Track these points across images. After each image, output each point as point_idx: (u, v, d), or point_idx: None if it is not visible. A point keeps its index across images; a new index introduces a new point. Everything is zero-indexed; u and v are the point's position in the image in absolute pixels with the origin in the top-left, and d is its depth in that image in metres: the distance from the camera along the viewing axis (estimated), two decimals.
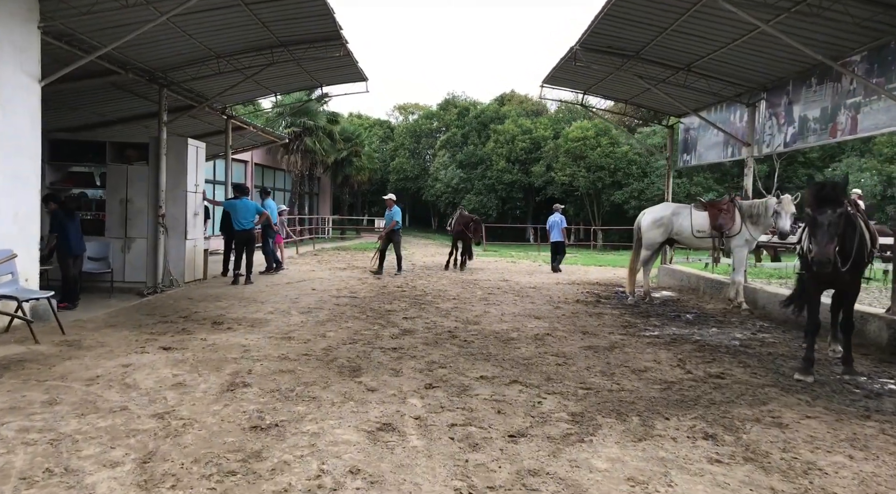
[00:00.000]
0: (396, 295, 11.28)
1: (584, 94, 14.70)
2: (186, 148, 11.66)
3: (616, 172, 32.03)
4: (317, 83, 15.00)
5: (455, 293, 11.78)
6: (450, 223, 17.06)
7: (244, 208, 12.45)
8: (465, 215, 16.64)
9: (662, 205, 10.97)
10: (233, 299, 10.40)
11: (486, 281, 14.15)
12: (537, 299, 11.18)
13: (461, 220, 16.21)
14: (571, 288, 13.16)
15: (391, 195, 15.40)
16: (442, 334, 7.82)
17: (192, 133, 16.96)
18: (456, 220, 16.49)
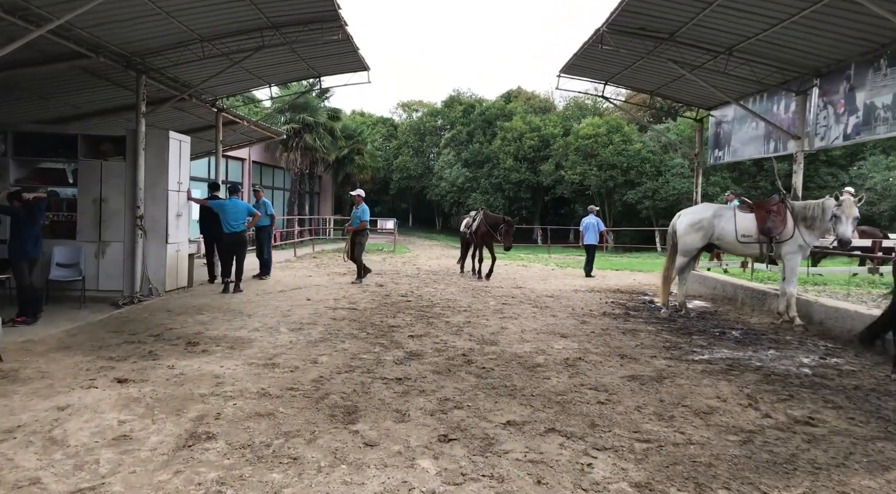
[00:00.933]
0: (401, 306, 10.09)
1: (605, 84, 13.49)
2: (168, 142, 10.49)
3: (629, 171, 30.78)
4: (314, 73, 13.83)
5: (466, 304, 10.59)
6: (470, 226, 14.50)
7: (234, 208, 11.27)
8: (492, 215, 14.50)
9: (701, 206, 9.74)
10: (216, 311, 9.23)
11: (498, 288, 12.95)
12: (558, 311, 9.98)
13: (488, 221, 14.04)
14: (593, 297, 11.95)
15: (359, 191, 13.68)
16: (455, 358, 6.63)
17: (181, 127, 15.81)
18: (480, 221, 14.11)
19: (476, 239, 14.34)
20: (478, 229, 14.08)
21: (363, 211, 13.05)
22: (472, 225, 14.41)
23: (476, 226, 14.14)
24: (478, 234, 14.14)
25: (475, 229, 14.17)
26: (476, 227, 14.13)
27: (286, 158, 26.87)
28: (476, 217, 14.42)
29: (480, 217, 14.19)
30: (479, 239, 14.25)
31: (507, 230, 13.59)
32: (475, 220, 14.33)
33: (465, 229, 14.90)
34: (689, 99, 13.32)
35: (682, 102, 14.01)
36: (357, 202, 13.15)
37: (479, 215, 14.40)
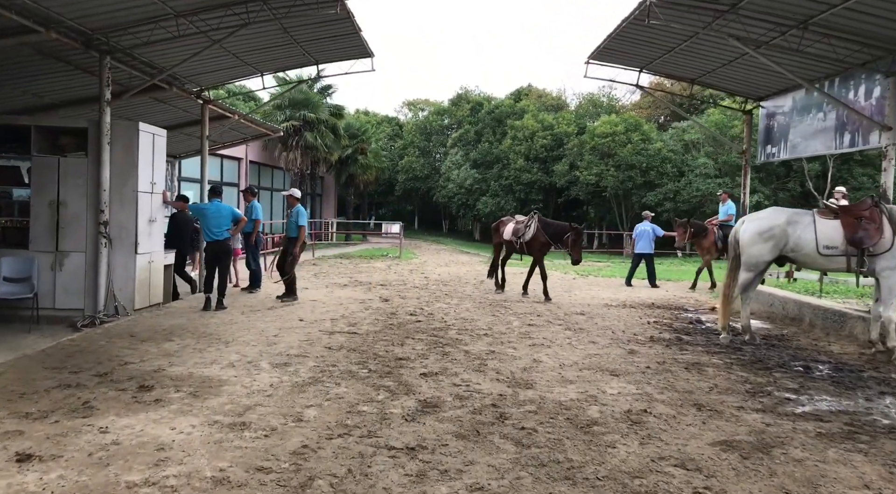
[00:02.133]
0: (409, 329, 8.54)
1: (640, 71, 11.91)
2: (137, 135, 8.98)
3: (649, 172, 29.12)
4: (311, 60, 12.30)
5: (485, 325, 9.04)
6: (520, 233, 11.88)
7: (216, 213, 9.76)
8: (552, 222, 12.23)
9: (771, 210, 8.12)
10: (189, 336, 7.70)
11: (518, 304, 11.39)
12: (597, 336, 8.41)
13: (549, 229, 11.70)
14: (630, 315, 10.37)
15: (293, 190, 11.56)
16: (483, 410, 5.07)
17: (164, 122, 14.31)
18: (537, 229, 11.65)
19: (530, 250, 11.95)
20: (534, 238, 11.68)
21: (301, 215, 10.94)
22: (523, 233, 11.87)
23: (532, 234, 11.69)
24: (532, 244, 11.76)
25: (530, 237, 11.72)
26: (532, 235, 11.68)
27: (285, 157, 25.39)
28: (529, 223, 11.89)
29: (535, 224, 11.77)
30: (534, 250, 11.83)
31: (576, 240, 11.44)
32: (528, 226, 11.83)
33: (511, 236, 12.22)
34: (736, 88, 11.73)
35: (728, 92, 12.43)
36: (292, 204, 11.18)
37: (532, 221, 11.88)
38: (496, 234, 12.92)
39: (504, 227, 12.63)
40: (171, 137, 15.90)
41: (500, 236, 12.70)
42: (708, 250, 14.10)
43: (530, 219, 12.03)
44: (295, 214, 10.92)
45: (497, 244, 13.00)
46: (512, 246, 12.41)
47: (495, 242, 13.02)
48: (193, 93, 12.54)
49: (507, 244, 12.58)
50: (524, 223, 12.07)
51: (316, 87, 28.24)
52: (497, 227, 12.99)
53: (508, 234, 12.32)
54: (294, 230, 10.88)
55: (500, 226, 12.83)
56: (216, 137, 16.82)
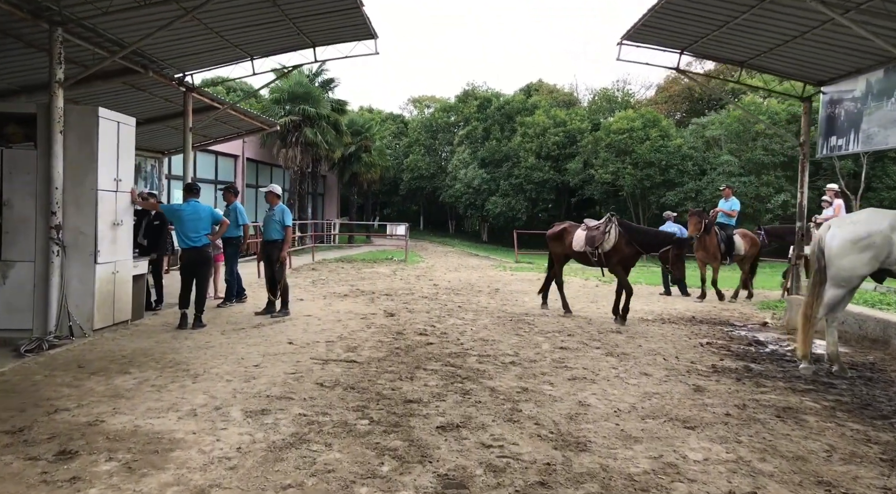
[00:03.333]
0: (420, 355, 7.09)
1: (681, 53, 10.44)
2: (97, 123, 7.56)
3: (668, 170, 27.57)
4: (306, 41, 10.87)
5: (509, 347, 7.60)
6: (595, 242, 9.73)
7: (193, 215, 8.33)
8: (642, 228, 10.32)
9: (868, 212, 6.61)
10: (151, 366, 6.28)
11: (541, 318, 9.96)
12: (646, 362, 6.95)
13: (636, 236, 9.58)
14: (673, 332, 8.91)
15: (273, 186, 9.96)
16: (527, 490, 3.63)
17: (146, 114, 12.99)
18: (618, 236, 9.53)
19: (609, 262, 9.73)
20: (615, 247, 9.55)
21: (284, 213, 9.47)
22: (600, 241, 9.64)
23: (613, 243, 9.54)
24: (613, 255, 9.60)
25: (610, 247, 9.57)
26: (613, 244, 9.54)
27: (284, 154, 23.96)
28: (608, 230, 9.63)
29: (615, 230, 9.58)
30: (615, 262, 9.65)
31: (680, 254, 9.33)
32: (606, 233, 9.61)
33: (584, 247, 9.88)
34: (794, 70, 10.23)
35: (783, 75, 10.93)
36: (273, 202, 9.62)
37: (611, 226, 9.63)
38: (556, 243, 10.60)
39: (570, 235, 10.27)
40: (156, 130, 14.60)
41: (564, 245, 10.40)
42: (714, 256, 12.64)
43: (607, 224, 9.80)
44: (279, 213, 9.45)
45: (559, 256, 10.71)
46: (586, 258, 10.13)
47: (556, 252, 10.70)
48: (175, 79, 11.15)
49: (577, 257, 10.31)
50: (600, 230, 9.82)
51: (317, 81, 26.82)
52: (558, 235, 10.57)
53: (580, 244, 9.97)
54: (277, 232, 9.41)
55: (564, 235, 10.44)
56: (206, 131, 15.50)
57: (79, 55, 8.48)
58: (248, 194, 24.08)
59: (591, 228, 10.02)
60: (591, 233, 9.91)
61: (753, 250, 13.20)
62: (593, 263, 10.05)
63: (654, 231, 9.94)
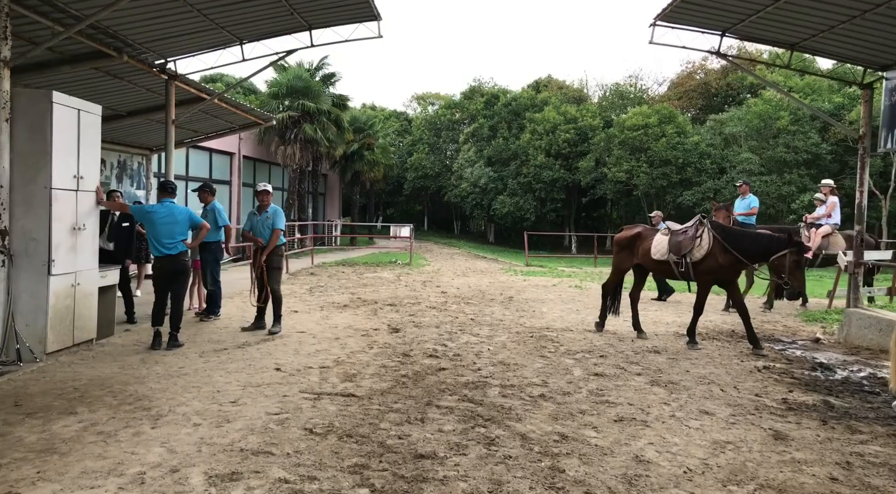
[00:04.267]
0: (430, 385, 5.95)
1: (722, 35, 9.26)
2: (51, 110, 6.43)
3: (685, 168, 26.35)
4: (302, 23, 9.74)
5: (534, 373, 6.46)
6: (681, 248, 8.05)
7: (168, 218, 7.20)
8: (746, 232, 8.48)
9: None
10: (106, 403, 5.16)
11: (565, 332, 8.82)
12: (701, 395, 5.80)
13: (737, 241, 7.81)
14: (719, 351, 7.76)
15: (265, 185, 8.71)
16: None
17: (126, 105, 11.89)
18: (711, 242, 7.84)
19: (699, 274, 8.02)
20: (709, 256, 7.83)
21: (278, 215, 8.34)
22: (689, 248, 7.94)
23: (706, 250, 7.84)
24: (706, 265, 7.88)
25: (703, 255, 7.87)
26: (707, 252, 7.84)
27: (283, 152, 22.84)
28: (700, 234, 7.94)
29: (708, 233, 7.89)
30: (707, 274, 7.96)
31: (799, 261, 7.43)
32: (698, 238, 7.92)
33: (667, 254, 8.16)
34: (854, 53, 9.02)
35: (840, 58, 9.74)
36: (265, 202, 8.40)
37: (703, 230, 7.95)
38: (627, 251, 8.84)
39: (646, 241, 8.55)
40: (140, 125, 13.47)
41: (638, 253, 8.65)
42: None
43: (698, 227, 8.05)
44: (273, 214, 8.32)
45: (626, 264, 8.92)
46: (667, 269, 8.38)
47: (625, 262, 8.91)
48: (156, 66, 10.02)
49: (655, 267, 8.58)
50: (688, 234, 8.05)
51: (317, 75, 25.71)
52: (630, 241, 8.80)
53: (661, 251, 8.27)
54: (268, 234, 8.29)
55: (638, 240, 8.70)
56: (195, 126, 14.39)
57: (32, 31, 7.36)
58: (246, 193, 22.97)
59: (675, 232, 8.27)
60: (676, 238, 8.14)
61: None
62: (677, 275, 8.30)
63: (760, 235, 8.08)
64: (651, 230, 8.81)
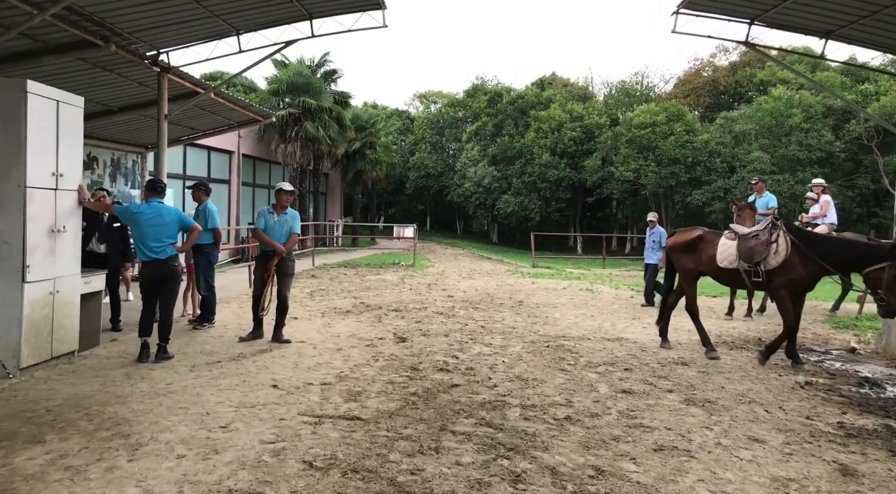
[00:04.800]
0: (442, 403, 5.37)
1: (750, 23, 8.68)
2: (24, 100, 5.85)
3: (694, 167, 25.73)
4: (302, 13, 9.19)
5: (556, 390, 5.88)
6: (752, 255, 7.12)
7: (156, 219, 6.62)
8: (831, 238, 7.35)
9: None
10: (76, 429, 4.58)
11: (583, 341, 8.24)
12: (745, 418, 5.21)
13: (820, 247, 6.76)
14: (752, 363, 7.16)
15: (285, 184, 7.91)
16: None
17: (118, 100, 11.32)
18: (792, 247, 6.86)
19: (773, 284, 7.01)
20: (786, 264, 6.84)
21: (296, 219, 7.81)
22: (764, 254, 6.96)
23: (784, 257, 6.85)
24: (781, 275, 6.90)
25: (779, 263, 6.89)
26: (784, 259, 6.85)
27: (283, 150, 22.26)
28: (775, 239, 6.95)
29: (785, 238, 6.90)
30: (784, 284, 6.92)
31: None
32: (773, 243, 6.95)
33: (736, 261, 7.20)
34: (893, 41, 8.44)
35: (881, 47, 9.12)
36: (287, 203, 7.77)
37: (778, 234, 6.96)
38: (686, 256, 7.84)
39: (710, 246, 7.55)
40: (134, 121, 12.89)
41: (700, 259, 7.66)
42: None
43: (771, 231, 7.05)
44: (292, 218, 7.70)
45: (689, 273, 7.86)
46: (736, 278, 7.39)
47: (685, 268, 7.89)
48: (147, 58, 9.45)
49: (720, 275, 7.56)
50: (761, 239, 7.05)
51: (319, 72, 25.12)
52: (690, 245, 7.78)
53: (728, 258, 7.30)
54: (285, 237, 7.73)
55: (700, 244, 7.69)
56: (192, 123, 13.82)
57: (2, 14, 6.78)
58: (245, 192, 22.41)
59: (745, 236, 7.27)
60: (746, 243, 7.15)
61: None
62: (748, 285, 7.31)
63: (853, 243, 6.84)
64: (713, 234, 7.88)
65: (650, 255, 12.16)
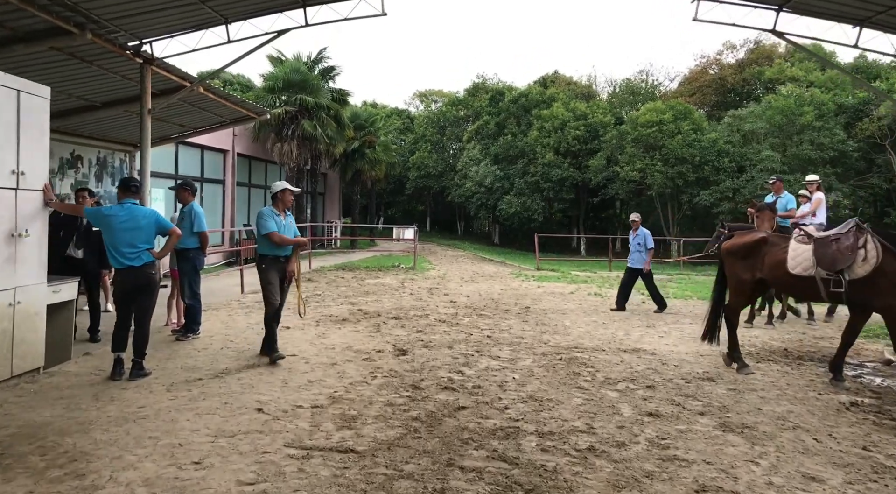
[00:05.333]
0: (448, 430, 4.74)
1: (778, 9, 8.04)
2: None
3: (702, 167, 25.08)
4: None
5: (575, 412, 5.25)
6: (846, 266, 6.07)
7: (129, 222, 5.98)
8: None
9: None
10: (23, 467, 3.96)
11: (597, 353, 7.61)
12: (792, 447, 4.60)
13: None
14: (787, 380, 6.54)
15: (284, 183, 7.16)
16: None
17: (99, 95, 10.71)
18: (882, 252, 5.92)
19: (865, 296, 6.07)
20: (878, 273, 5.91)
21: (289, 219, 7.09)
22: (846, 259, 6.04)
23: (874, 265, 5.91)
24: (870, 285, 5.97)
25: (867, 271, 5.95)
26: (874, 267, 5.91)
27: (279, 149, 21.61)
28: (861, 245, 6.02)
29: (874, 242, 5.98)
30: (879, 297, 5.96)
31: None
32: (860, 249, 6.00)
33: (812, 269, 6.27)
34: None
35: None
36: (289, 202, 7.07)
37: (866, 238, 6.04)
38: (745, 262, 6.92)
39: (776, 249, 6.64)
40: (119, 117, 12.25)
41: (764, 266, 6.73)
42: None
43: (857, 235, 6.12)
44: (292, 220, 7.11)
45: (745, 282, 6.97)
46: (810, 288, 6.41)
47: (740, 277, 6.97)
48: (129, 48, 8.82)
49: (789, 284, 6.71)
50: (844, 244, 6.13)
51: (316, 69, 24.49)
52: (751, 249, 6.88)
53: (804, 265, 6.36)
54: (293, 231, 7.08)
55: (763, 248, 6.78)
56: (182, 120, 13.21)
57: None
58: (240, 193, 21.77)
59: (822, 240, 6.29)
60: (825, 249, 6.19)
61: None
62: (824, 296, 6.33)
63: None
64: (779, 236, 7.02)
65: (635, 258, 11.45)
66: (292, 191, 7.12)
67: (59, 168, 12.55)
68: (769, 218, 9.70)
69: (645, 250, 11.36)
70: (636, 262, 11.42)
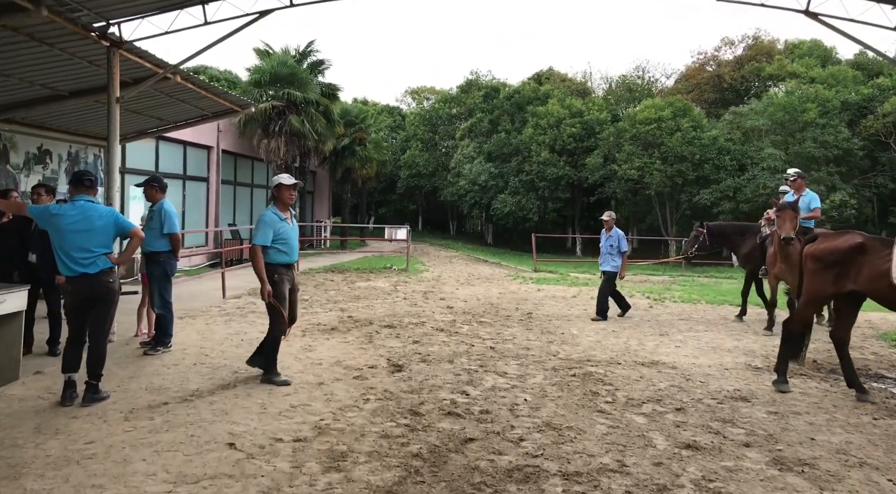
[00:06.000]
0: (455, 472, 3.97)
1: None
2: None
3: (702, 165, 24.45)
4: None
5: (601, 444, 4.51)
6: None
7: (81, 223, 5.15)
8: None
9: None
10: None
11: (612, 366, 6.89)
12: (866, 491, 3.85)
13: None
14: (830, 398, 5.83)
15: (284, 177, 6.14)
16: None
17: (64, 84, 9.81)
18: None
19: None
20: None
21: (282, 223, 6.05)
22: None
23: None
24: None
25: None
26: None
27: (266, 146, 20.73)
28: None
29: None
30: None
31: None
32: None
33: None
34: None
35: None
36: (289, 200, 6.09)
37: None
38: (833, 271, 5.96)
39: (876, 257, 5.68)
40: (88, 109, 11.37)
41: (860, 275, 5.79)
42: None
43: None
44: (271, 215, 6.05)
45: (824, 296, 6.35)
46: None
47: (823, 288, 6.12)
48: (94, 30, 7.94)
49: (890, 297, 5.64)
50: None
51: (305, 62, 23.63)
52: (843, 256, 5.91)
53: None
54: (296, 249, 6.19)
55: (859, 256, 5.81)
56: (159, 113, 12.34)
57: None
58: (225, 191, 20.87)
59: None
60: None
61: None
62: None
63: None
64: (878, 241, 6.04)
65: (606, 261, 10.57)
66: (286, 185, 6.06)
67: (25, 164, 11.66)
68: (791, 217, 8.85)
69: (618, 253, 10.46)
70: (607, 264, 10.53)
